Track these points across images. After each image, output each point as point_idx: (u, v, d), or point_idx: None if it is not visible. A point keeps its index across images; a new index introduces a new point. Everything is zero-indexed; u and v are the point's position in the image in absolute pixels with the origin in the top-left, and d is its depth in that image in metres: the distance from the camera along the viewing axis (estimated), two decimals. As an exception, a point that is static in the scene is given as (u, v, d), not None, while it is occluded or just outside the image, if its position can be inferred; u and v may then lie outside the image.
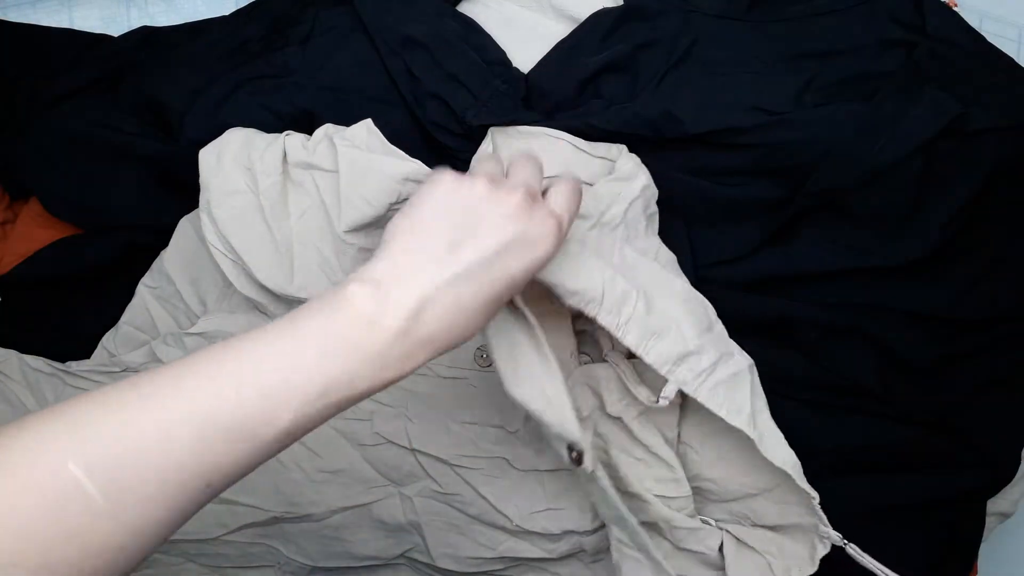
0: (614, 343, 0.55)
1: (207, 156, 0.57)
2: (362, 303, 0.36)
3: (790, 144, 0.56)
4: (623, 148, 0.58)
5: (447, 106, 0.59)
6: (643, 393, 0.53)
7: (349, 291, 0.37)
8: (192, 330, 0.59)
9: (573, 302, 0.46)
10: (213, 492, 0.35)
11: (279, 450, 0.36)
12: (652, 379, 0.53)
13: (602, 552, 0.58)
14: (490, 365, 0.57)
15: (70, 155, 0.63)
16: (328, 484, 0.59)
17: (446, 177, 0.41)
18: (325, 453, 0.59)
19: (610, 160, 0.57)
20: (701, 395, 0.48)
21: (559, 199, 0.42)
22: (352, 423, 0.59)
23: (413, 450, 0.58)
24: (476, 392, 0.58)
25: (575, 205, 0.43)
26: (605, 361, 0.55)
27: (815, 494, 0.50)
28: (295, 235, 0.56)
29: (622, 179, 0.55)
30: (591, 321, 0.47)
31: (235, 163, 0.57)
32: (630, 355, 0.53)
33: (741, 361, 0.51)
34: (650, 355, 0.48)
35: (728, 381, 0.49)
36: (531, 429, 0.57)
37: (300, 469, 0.59)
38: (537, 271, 0.40)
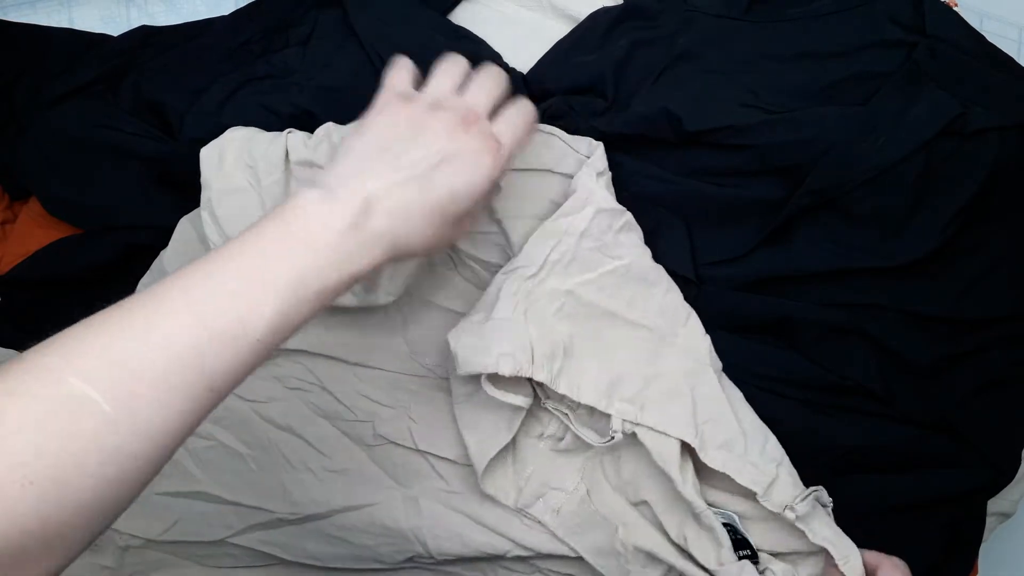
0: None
1: (209, 154, 0.57)
2: (313, 206, 0.40)
3: (790, 144, 0.56)
4: (598, 147, 0.57)
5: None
6: (590, 435, 0.53)
7: (301, 197, 0.40)
8: None
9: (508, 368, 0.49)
10: (217, 396, 0.36)
11: (273, 344, 0.38)
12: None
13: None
14: None
15: (70, 155, 0.63)
16: (334, 483, 0.59)
17: (394, 98, 0.45)
18: (332, 453, 0.59)
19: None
20: (643, 419, 0.50)
21: (503, 126, 0.45)
22: (355, 425, 0.59)
23: (420, 451, 0.58)
24: None
25: (521, 132, 0.46)
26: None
27: (792, 511, 0.49)
28: None
29: (567, 214, 0.54)
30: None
31: (237, 161, 0.57)
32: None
33: (678, 370, 0.52)
34: (581, 396, 0.51)
35: (660, 398, 0.51)
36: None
37: (308, 470, 0.59)
38: (478, 192, 0.43)
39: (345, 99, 0.62)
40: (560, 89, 0.61)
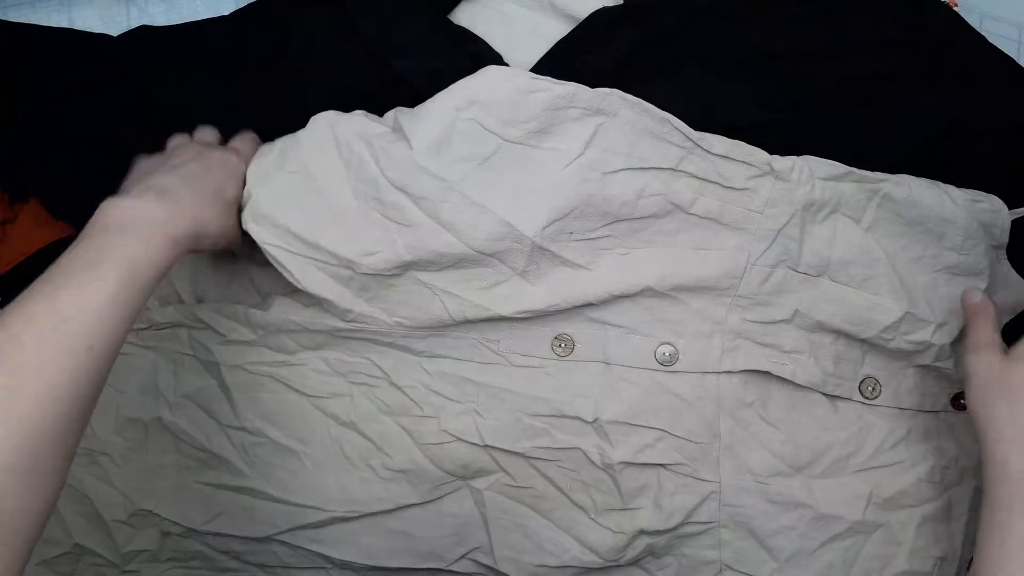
0: None
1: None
2: (116, 209, 0.50)
3: (790, 144, 0.56)
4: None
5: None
6: None
7: (108, 215, 0.50)
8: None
9: None
10: (95, 356, 0.44)
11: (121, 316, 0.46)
12: None
13: (670, 554, 0.59)
14: (568, 354, 0.57)
15: (70, 155, 0.63)
16: (396, 482, 0.58)
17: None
18: (392, 451, 0.58)
19: None
20: None
21: (237, 144, 0.59)
22: (417, 421, 0.58)
23: (485, 446, 0.57)
24: (552, 382, 0.57)
25: (249, 148, 0.59)
26: None
27: None
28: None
29: None
30: None
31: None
32: None
33: None
34: None
35: None
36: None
37: (368, 467, 0.58)
38: (238, 181, 0.56)
39: (346, 99, 0.62)
40: (560, 89, 0.61)
